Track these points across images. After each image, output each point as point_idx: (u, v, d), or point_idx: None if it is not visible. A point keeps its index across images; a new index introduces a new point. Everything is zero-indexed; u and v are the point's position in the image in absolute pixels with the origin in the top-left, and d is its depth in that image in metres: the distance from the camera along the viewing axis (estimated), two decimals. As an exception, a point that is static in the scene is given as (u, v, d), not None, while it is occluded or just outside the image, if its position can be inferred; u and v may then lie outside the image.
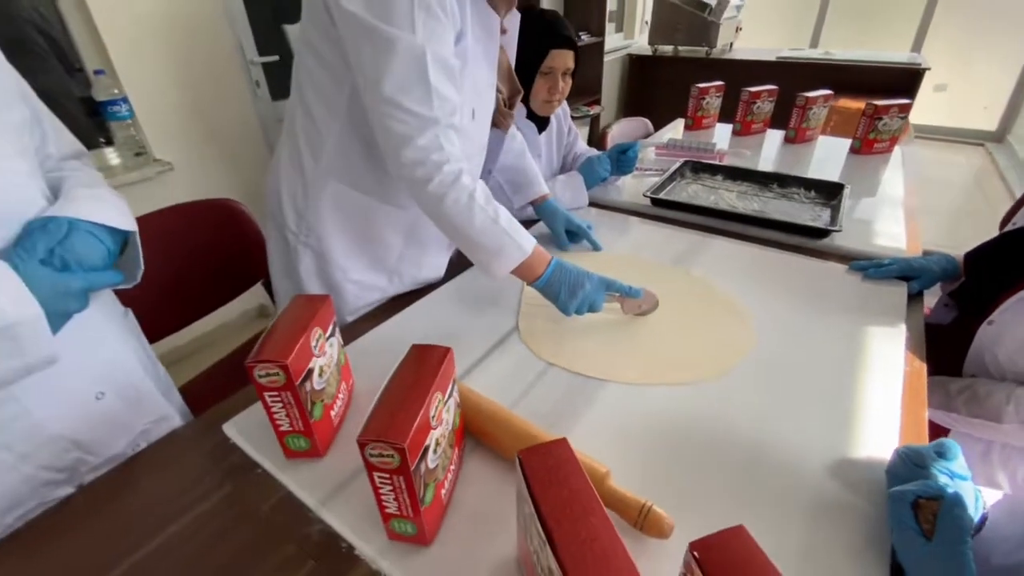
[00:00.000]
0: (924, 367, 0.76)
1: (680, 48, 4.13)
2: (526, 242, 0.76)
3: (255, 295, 1.32)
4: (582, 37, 3.48)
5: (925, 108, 4.28)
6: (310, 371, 0.56)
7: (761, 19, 4.85)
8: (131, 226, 0.58)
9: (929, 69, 3.46)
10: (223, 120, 1.82)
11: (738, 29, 4.29)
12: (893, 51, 4.15)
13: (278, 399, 0.55)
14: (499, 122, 0.97)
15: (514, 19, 0.91)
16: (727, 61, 4.03)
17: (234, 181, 1.90)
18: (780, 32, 4.89)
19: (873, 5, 4.54)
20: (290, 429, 0.57)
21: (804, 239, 1.09)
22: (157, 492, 0.60)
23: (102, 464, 0.62)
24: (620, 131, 1.96)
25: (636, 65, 4.38)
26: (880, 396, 0.69)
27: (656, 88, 4.33)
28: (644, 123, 2.06)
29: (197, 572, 0.52)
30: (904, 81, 3.53)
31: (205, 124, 1.77)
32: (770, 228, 1.13)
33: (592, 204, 1.30)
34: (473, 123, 0.84)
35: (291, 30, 2.16)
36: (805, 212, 1.21)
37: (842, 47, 4.29)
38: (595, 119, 3.82)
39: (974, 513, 0.51)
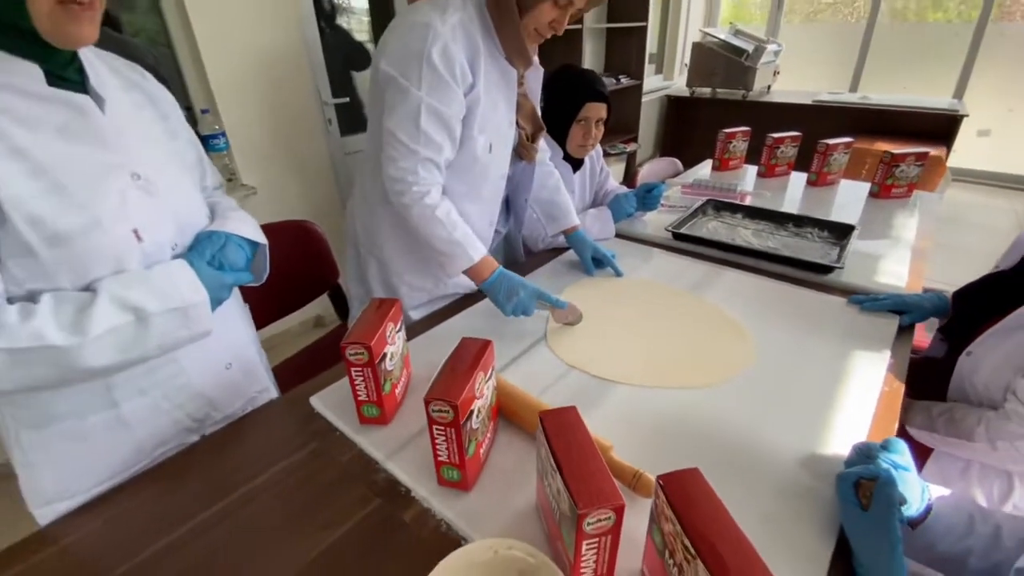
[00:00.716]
0: (902, 388, 0.86)
1: (718, 90, 4.28)
2: (475, 252, 0.96)
3: (315, 307, 1.53)
4: (621, 80, 3.69)
5: (968, 152, 4.26)
6: (384, 354, 0.73)
7: (801, 62, 4.95)
8: (263, 240, 0.78)
9: (967, 116, 3.48)
10: (300, 151, 2.09)
11: (776, 73, 4.42)
12: (934, 96, 4.18)
13: (360, 374, 0.72)
14: (524, 154, 1.15)
15: (536, 72, 1.11)
16: (764, 104, 4.15)
17: (307, 204, 2.16)
18: (820, 75, 4.98)
19: (914, 51, 4.59)
20: (366, 399, 0.74)
21: (810, 274, 1.20)
22: (261, 444, 0.78)
23: (221, 420, 0.81)
24: (650, 170, 2.12)
25: (674, 106, 4.56)
26: (855, 408, 0.80)
27: (693, 128, 4.48)
28: (674, 163, 2.21)
29: (293, 502, 0.68)
30: (943, 126, 3.56)
31: (285, 154, 2.04)
32: (779, 263, 1.25)
33: (619, 236, 1.45)
34: (490, 155, 1.03)
35: (358, 76, 2.46)
36: (816, 250, 1.32)
37: (882, 91, 4.35)
38: (631, 156, 3.99)
39: (920, 504, 0.62)
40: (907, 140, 3.49)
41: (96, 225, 0.60)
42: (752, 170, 2.05)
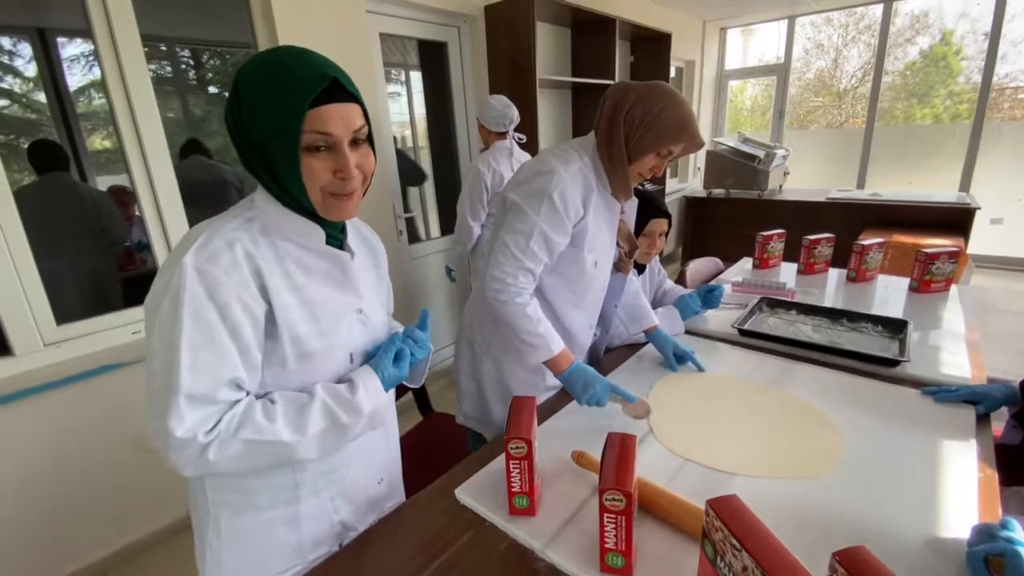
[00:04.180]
0: (995, 474, 0.93)
1: (731, 191, 4.62)
2: (555, 346, 1.10)
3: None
4: (644, 184, 4.03)
5: (985, 240, 4.45)
6: (534, 447, 0.83)
7: (804, 163, 5.35)
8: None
9: (979, 208, 3.70)
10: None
11: (786, 174, 4.77)
12: (940, 189, 4.46)
13: (517, 466, 0.82)
14: (621, 268, 1.33)
15: (632, 202, 1.30)
16: (779, 202, 4.43)
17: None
18: (826, 173, 5.35)
19: (913, 149, 4.96)
20: (519, 490, 0.83)
21: (877, 367, 1.30)
22: (417, 537, 0.85)
23: (358, 531, 0.88)
24: (695, 268, 2.29)
25: (692, 205, 4.88)
26: (958, 494, 0.87)
27: (712, 223, 4.77)
28: (715, 262, 2.39)
29: (464, 590, 0.75)
30: (956, 217, 3.77)
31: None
32: (844, 357, 1.35)
33: (686, 332, 1.58)
34: (595, 270, 1.20)
35: (411, 190, 2.75)
36: (875, 344, 1.43)
37: (889, 187, 4.65)
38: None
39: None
40: (921, 232, 3.70)
41: (330, 349, 0.75)
42: (789, 267, 2.21)
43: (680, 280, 2.20)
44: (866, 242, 1.93)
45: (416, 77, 2.88)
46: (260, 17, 1.96)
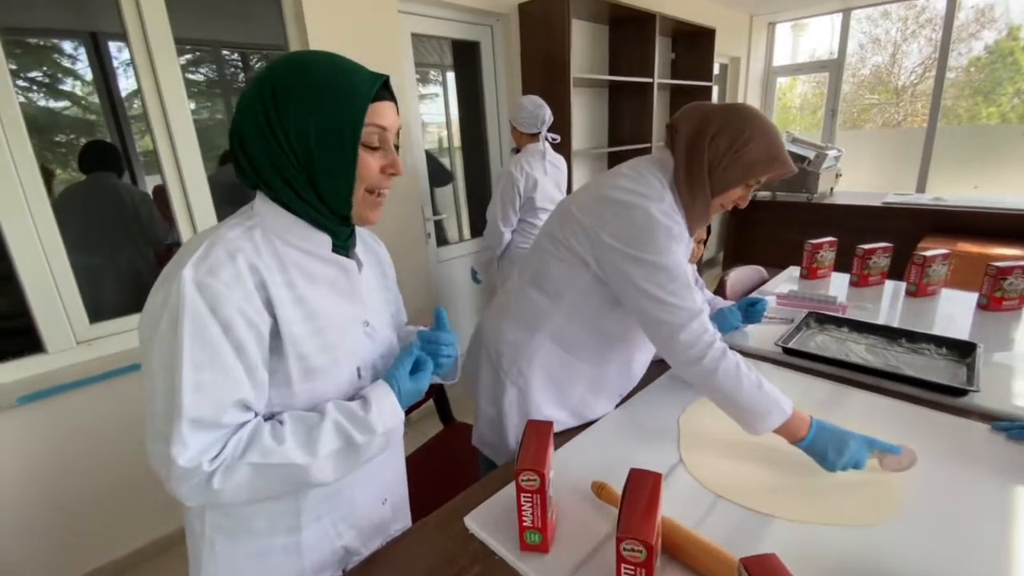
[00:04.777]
0: (1088, 533, 0.80)
1: (778, 193, 4.39)
2: (786, 404, 0.90)
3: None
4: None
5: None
6: (548, 480, 0.76)
7: (861, 163, 5.04)
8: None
9: (1056, 216, 3.38)
10: (406, 261, 2.31)
11: (838, 176, 4.50)
12: (1010, 194, 4.11)
13: (529, 500, 0.75)
14: None
15: None
16: (831, 206, 4.17)
17: (407, 308, 2.36)
18: (881, 176, 5.03)
19: (979, 150, 4.60)
20: (531, 525, 0.76)
21: (941, 396, 1.16)
22: (423, 565, 0.80)
23: (363, 556, 0.83)
24: (736, 277, 2.15)
25: (735, 208, 4.66)
26: (1045, 556, 0.75)
27: (757, 228, 4.54)
28: (759, 271, 2.25)
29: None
30: (1029, 226, 3.46)
31: (398, 263, 2.26)
32: (905, 383, 1.21)
33: (724, 349, 1.47)
34: None
35: (441, 192, 2.72)
36: (939, 368, 1.28)
37: (952, 191, 4.33)
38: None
39: None
40: (990, 240, 3.41)
41: (336, 364, 0.71)
42: (841, 278, 2.05)
43: (719, 290, 2.07)
44: (928, 252, 1.75)
45: (452, 78, 2.85)
46: (292, 19, 1.96)
